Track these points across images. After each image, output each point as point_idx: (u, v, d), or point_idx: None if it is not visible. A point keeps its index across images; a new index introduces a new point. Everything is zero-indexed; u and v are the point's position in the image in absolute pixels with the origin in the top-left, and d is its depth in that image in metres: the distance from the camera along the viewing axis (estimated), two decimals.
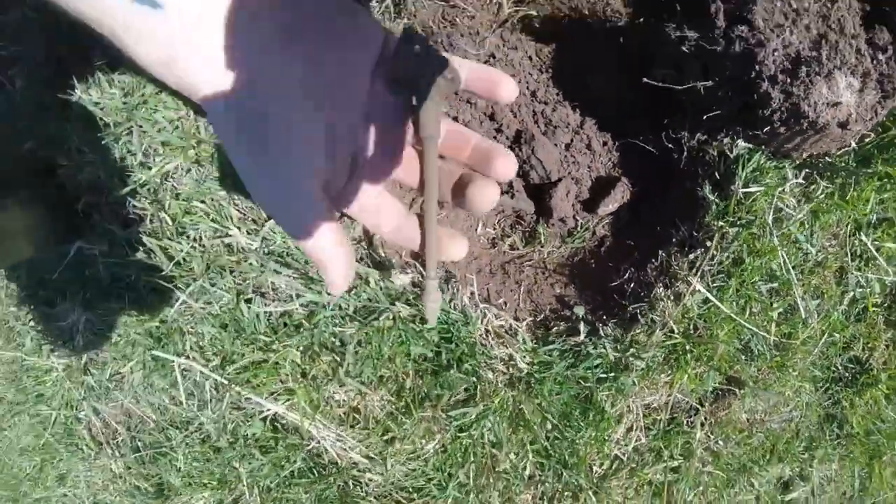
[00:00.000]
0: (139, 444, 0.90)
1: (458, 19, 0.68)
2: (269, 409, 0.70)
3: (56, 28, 0.80)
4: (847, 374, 0.89)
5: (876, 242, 0.76)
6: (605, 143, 0.73)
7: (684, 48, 0.65)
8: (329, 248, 0.27)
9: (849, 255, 0.76)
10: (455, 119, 0.70)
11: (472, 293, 0.64)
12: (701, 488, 0.83)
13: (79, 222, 0.82)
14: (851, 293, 0.79)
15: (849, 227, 0.76)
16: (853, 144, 0.69)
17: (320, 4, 0.25)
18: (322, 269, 0.28)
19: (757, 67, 0.60)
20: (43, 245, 0.82)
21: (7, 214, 0.73)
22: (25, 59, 0.83)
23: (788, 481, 0.98)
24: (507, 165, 0.29)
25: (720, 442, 0.81)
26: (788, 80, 0.59)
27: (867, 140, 0.68)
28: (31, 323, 0.95)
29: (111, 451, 0.95)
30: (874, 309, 0.82)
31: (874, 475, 1.02)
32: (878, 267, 0.77)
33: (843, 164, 0.70)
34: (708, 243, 0.69)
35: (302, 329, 0.66)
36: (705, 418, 0.78)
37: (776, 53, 0.60)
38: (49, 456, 1.04)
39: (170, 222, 0.69)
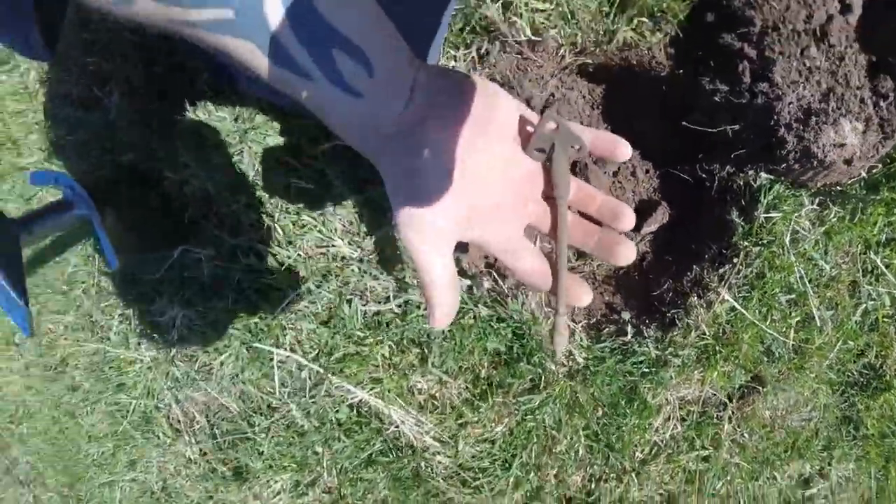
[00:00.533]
0: (217, 431, 0.99)
1: (528, 68, 0.81)
2: (356, 396, 0.81)
3: (152, 48, 0.86)
4: (862, 379, 0.97)
5: (885, 260, 0.85)
6: (647, 171, 0.86)
7: (716, 98, 0.79)
8: (442, 287, 0.31)
9: (860, 271, 0.86)
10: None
11: (540, 299, 0.77)
12: (728, 478, 0.94)
13: (184, 229, 0.92)
14: (864, 305, 0.88)
15: (860, 246, 0.85)
16: (863, 174, 0.79)
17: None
18: (429, 304, 0.31)
19: (775, 117, 0.72)
20: (145, 250, 0.92)
21: (109, 220, 0.79)
22: (118, 76, 0.89)
23: (809, 478, 1.06)
24: (630, 218, 0.35)
25: (745, 435, 0.92)
26: (801, 128, 0.71)
27: (875, 170, 0.79)
28: (120, 317, 1.04)
29: (188, 438, 1.04)
30: (885, 320, 0.91)
31: (890, 477, 1.08)
32: (888, 282, 0.86)
33: (853, 192, 0.81)
34: (735, 260, 0.81)
35: (393, 326, 0.77)
36: (732, 413, 0.89)
37: (791, 106, 0.72)
38: (123, 442, 1.12)
39: (280, 232, 0.81)
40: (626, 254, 0.35)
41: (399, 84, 0.29)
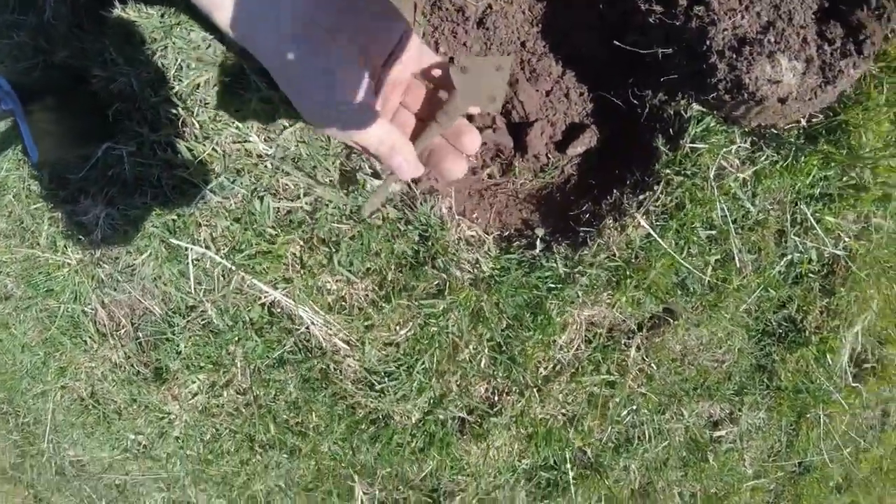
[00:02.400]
0: (140, 333, 1.00)
1: None
2: (268, 295, 0.82)
3: None
4: (780, 331, 0.98)
5: (816, 214, 0.84)
6: (581, 94, 0.86)
7: (651, 19, 0.76)
8: (388, 136, 0.36)
9: (789, 220, 0.85)
10: (451, 59, 0.83)
11: (451, 206, 0.77)
12: (634, 407, 0.97)
13: (109, 127, 0.92)
14: (790, 256, 0.88)
15: (791, 195, 0.84)
16: (802, 122, 0.78)
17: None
18: (387, 158, 0.37)
19: (708, 42, 0.70)
20: (71, 147, 0.91)
21: (36, 116, 0.81)
22: None
23: (718, 421, 1.09)
24: (473, 141, 0.40)
25: (653, 366, 0.95)
26: (734, 56, 0.70)
27: (815, 121, 0.78)
28: (49, 221, 1.04)
29: (113, 343, 1.05)
30: (811, 275, 0.91)
31: (801, 433, 1.11)
32: (817, 237, 0.86)
33: (789, 138, 0.80)
34: (655, 187, 0.81)
35: (304, 224, 0.78)
36: (641, 342, 0.92)
37: (725, 33, 0.70)
38: (52, 349, 1.13)
39: (197, 127, 0.80)
40: (471, 142, 0.39)
41: None
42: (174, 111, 0.82)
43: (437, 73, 0.40)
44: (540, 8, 0.87)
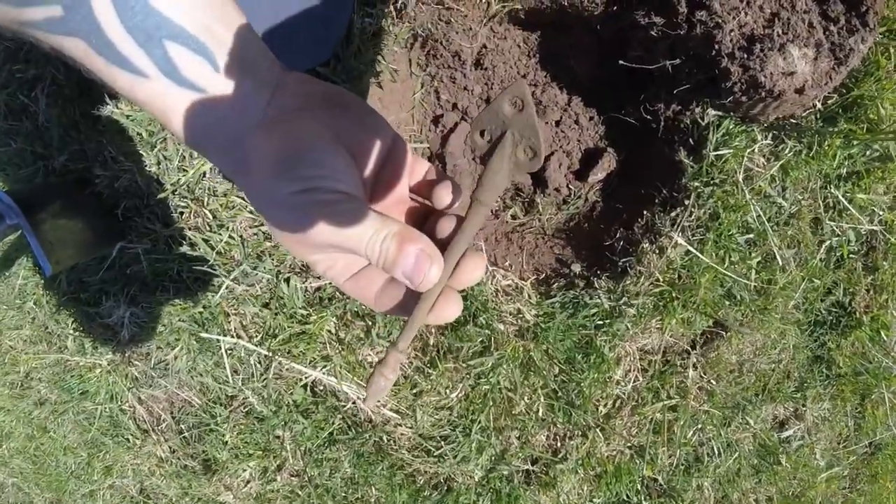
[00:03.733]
0: (183, 426, 0.98)
1: (453, 19, 0.77)
2: (308, 376, 0.79)
3: None
4: (831, 318, 0.95)
5: (847, 194, 0.81)
6: (591, 118, 0.83)
7: (652, 32, 0.72)
8: (387, 225, 0.25)
9: (821, 206, 0.82)
10: (454, 105, 0.80)
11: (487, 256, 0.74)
12: (699, 426, 0.93)
13: (120, 227, 0.90)
14: (828, 242, 0.85)
15: (819, 181, 0.81)
16: (818, 105, 0.75)
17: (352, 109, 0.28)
18: (394, 257, 0.25)
19: (716, 47, 0.66)
20: (84, 252, 0.90)
21: (44, 227, 0.80)
22: (44, 80, 0.88)
23: (784, 420, 1.05)
24: (478, 268, 0.28)
25: (712, 381, 0.91)
26: (745, 56, 0.66)
27: (831, 101, 0.75)
28: (74, 325, 1.03)
29: (156, 437, 1.03)
30: (851, 256, 0.87)
31: (867, 414, 1.07)
32: (852, 216, 0.83)
33: (808, 125, 0.76)
34: (686, 202, 0.78)
35: (335, 300, 0.75)
36: (697, 360, 0.88)
37: (733, 34, 0.67)
38: (95, 450, 1.12)
39: (210, 217, 0.78)
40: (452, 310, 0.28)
41: (255, 79, 0.26)
42: (183, 203, 0.79)
43: (431, 177, 0.31)
44: (535, 39, 0.84)
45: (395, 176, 0.30)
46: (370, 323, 0.74)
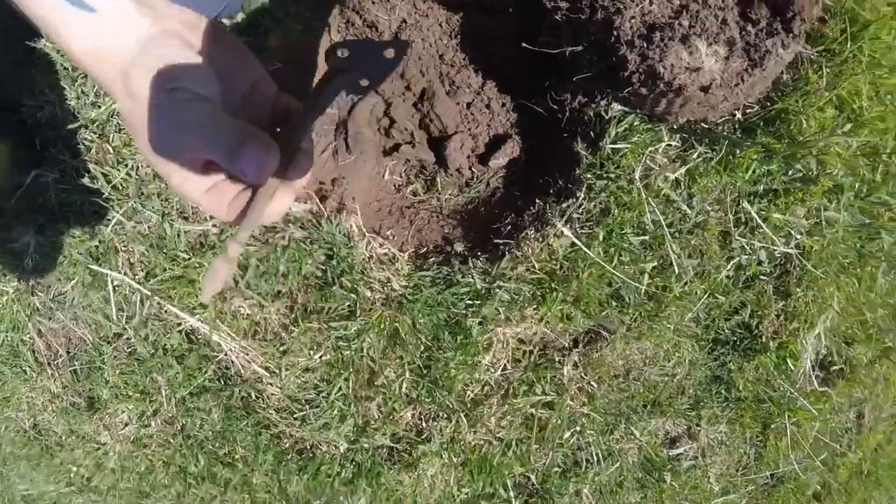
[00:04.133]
0: (77, 363, 0.99)
1: None
2: (185, 321, 0.80)
3: None
4: (735, 338, 0.91)
5: (762, 212, 0.78)
6: (504, 105, 0.83)
7: (557, 16, 0.72)
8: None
9: (731, 221, 0.79)
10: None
11: (359, 224, 0.75)
12: (578, 428, 0.92)
13: (37, 156, 0.92)
14: (737, 259, 0.81)
15: (733, 194, 0.77)
16: (738, 115, 0.72)
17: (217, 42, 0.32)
18: (230, 153, 0.29)
19: (615, 33, 0.66)
20: (5, 175, 0.92)
21: None
22: None
23: (675, 438, 1.03)
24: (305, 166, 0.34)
25: (593, 383, 0.90)
26: (644, 45, 0.64)
27: (751, 112, 0.73)
28: None
29: (51, 372, 1.04)
30: (763, 278, 0.84)
31: (769, 444, 1.02)
32: (765, 236, 0.79)
33: (723, 133, 0.73)
34: (578, 194, 0.76)
35: (215, 248, 0.76)
36: (579, 359, 0.87)
37: (633, 21, 0.66)
38: None
39: (112, 152, 0.80)
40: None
41: (139, 2, 0.30)
42: (89, 137, 0.82)
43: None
44: (457, 19, 0.86)
45: (256, 108, 0.34)
46: (241, 273, 0.75)
